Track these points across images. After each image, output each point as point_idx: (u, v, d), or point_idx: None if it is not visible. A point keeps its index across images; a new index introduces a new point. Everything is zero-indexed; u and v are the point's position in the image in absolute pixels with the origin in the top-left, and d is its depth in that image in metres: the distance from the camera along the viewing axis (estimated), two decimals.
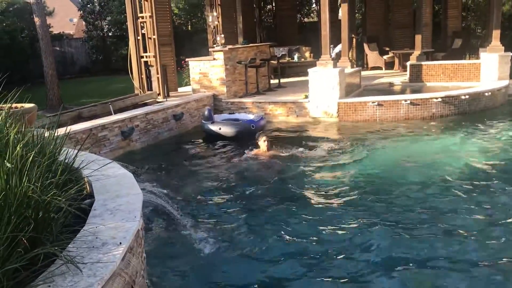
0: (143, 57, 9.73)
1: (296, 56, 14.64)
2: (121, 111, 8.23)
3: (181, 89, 11.54)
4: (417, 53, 11.63)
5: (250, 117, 8.61)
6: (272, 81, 12.10)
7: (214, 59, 10.07)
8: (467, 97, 9.26)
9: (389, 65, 14.64)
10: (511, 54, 10.43)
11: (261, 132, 7.41)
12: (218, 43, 10.40)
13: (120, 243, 2.31)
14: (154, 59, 9.62)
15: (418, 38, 11.64)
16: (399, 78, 12.20)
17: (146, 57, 9.73)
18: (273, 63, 12.54)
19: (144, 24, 9.65)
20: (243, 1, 12.83)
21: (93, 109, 8.01)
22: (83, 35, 22.41)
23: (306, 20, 19.77)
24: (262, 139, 6.88)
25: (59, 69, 16.83)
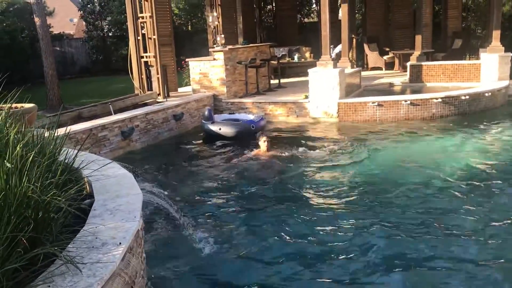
0: (143, 57, 9.73)
1: (296, 56, 14.63)
2: (121, 111, 8.23)
3: (181, 89, 11.54)
4: (417, 53, 11.64)
5: (250, 117, 8.60)
6: (272, 81, 12.10)
7: (214, 59, 10.07)
8: (467, 97, 9.26)
9: (389, 66, 14.63)
10: (511, 54, 10.43)
11: (261, 132, 7.42)
12: (218, 43, 10.40)
13: (120, 243, 2.31)
14: (154, 59, 9.62)
15: (418, 38, 11.64)
16: (399, 78, 12.20)
17: (146, 57, 9.73)
18: (273, 63, 12.54)
19: (144, 24, 9.65)
20: (243, 2, 12.84)
21: (93, 109, 8.01)
22: (83, 35, 22.42)
23: (306, 20, 19.76)
24: (262, 139, 6.88)
25: (59, 69, 16.83)
